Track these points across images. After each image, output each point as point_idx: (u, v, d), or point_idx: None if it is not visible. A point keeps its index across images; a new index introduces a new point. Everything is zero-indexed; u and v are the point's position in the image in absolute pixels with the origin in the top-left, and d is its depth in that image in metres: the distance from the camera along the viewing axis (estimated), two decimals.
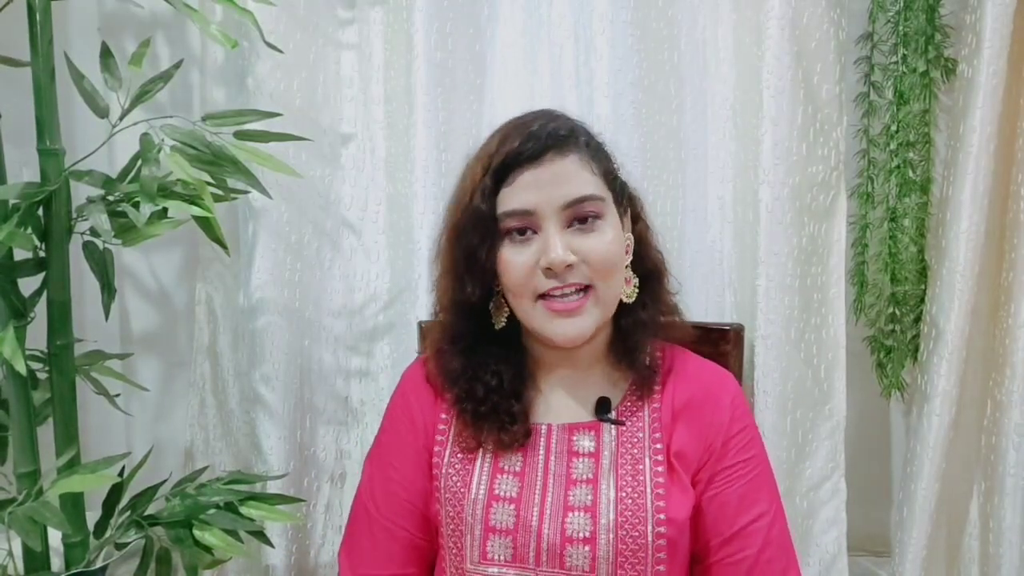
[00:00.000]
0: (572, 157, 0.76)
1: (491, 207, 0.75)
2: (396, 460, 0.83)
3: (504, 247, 0.76)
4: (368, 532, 0.82)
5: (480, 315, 0.80)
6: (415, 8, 1.15)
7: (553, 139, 0.75)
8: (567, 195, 0.74)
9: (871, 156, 1.19)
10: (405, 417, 0.84)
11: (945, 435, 1.12)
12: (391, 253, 1.25)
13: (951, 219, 1.11)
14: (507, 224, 0.75)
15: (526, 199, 0.74)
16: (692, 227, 1.20)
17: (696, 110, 1.18)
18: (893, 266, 1.19)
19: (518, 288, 0.75)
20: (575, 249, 0.74)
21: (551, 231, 0.74)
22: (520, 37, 1.20)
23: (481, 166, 0.76)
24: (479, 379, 0.78)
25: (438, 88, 1.16)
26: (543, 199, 0.74)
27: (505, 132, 0.77)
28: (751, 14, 1.13)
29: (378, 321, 1.27)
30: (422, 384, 0.85)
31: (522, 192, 0.74)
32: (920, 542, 1.13)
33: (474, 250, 0.76)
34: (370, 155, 1.25)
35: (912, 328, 1.20)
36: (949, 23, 1.14)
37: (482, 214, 0.75)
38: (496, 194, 0.75)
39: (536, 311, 0.76)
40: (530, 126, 0.76)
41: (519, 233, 0.75)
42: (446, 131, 1.18)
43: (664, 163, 1.18)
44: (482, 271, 0.76)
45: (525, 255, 0.75)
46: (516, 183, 0.74)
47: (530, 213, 0.74)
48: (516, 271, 0.75)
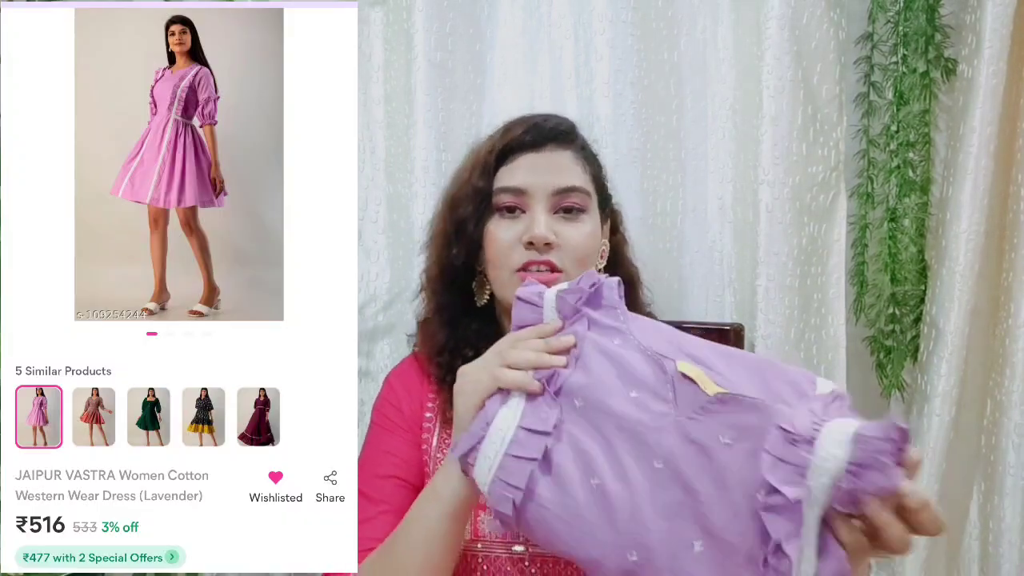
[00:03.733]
0: (569, 153, 0.83)
1: (488, 184, 0.82)
2: (388, 445, 0.84)
3: (492, 221, 0.82)
4: (366, 512, 0.83)
5: (463, 290, 0.86)
6: (415, 8, 1.15)
7: (554, 133, 0.83)
8: (560, 182, 0.81)
9: (871, 156, 1.19)
10: (394, 409, 0.86)
11: (945, 435, 1.12)
12: (391, 253, 1.25)
13: (951, 219, 1.11)
14: (499, 199, 0.81)
15: (522, 179, 0.81)
16: (692, 227, 1.19)
17: (696, 110, 1.18)
18: (893, 266, 1.19)
19: (499, 259, 0.81)
20: (556, 232, 0.79)
21: (538, 211, 0.80)
22: (520, 37, 1.20)
23: (485, 149, 0.84)
24: (459, 353, 0.81)
25: (438, 88, 1.16)
26: (537, 181, 0.80)
27: (510, 124, 0.85)
28: (751, 14, 1.13)
29: (378, 321, 1.27)
30: (408, 377, 0.88)
31: (519, 172, 0.81)
32: (920, 542, 1.13)
33: (465, 221, 0.82)
34: (369, 155, 1.25)
35: (912, 328, 1.20)
36: (949, 23, 1.14)
37: (478, 190, 0.82)
38: (494, 174, 0.82)
39: (511, 282, 0.80)
40: (535, 120, 0.85)
41: (508, 211, 0.81)
42: (446, 131, 1.18)
43: (664, 163, 1.18)
44: (469, 240, 0.82)
45: (511, 231, 0.80)
46: (515, 164, 0.82)
47: (522, 192, 0.81)
48: (500, 243, 0.81)
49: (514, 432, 0.60)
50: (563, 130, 0.84)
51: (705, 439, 0.55)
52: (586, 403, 0.60)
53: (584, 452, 0.59)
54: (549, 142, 0.82)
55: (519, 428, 0.60)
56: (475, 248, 0.83)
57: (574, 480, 0.59)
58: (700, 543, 0.55)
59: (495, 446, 0.60)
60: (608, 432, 0.59)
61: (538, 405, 0.62)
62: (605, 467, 0.58)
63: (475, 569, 0.77)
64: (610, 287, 0.65)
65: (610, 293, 0.65)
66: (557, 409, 0.61)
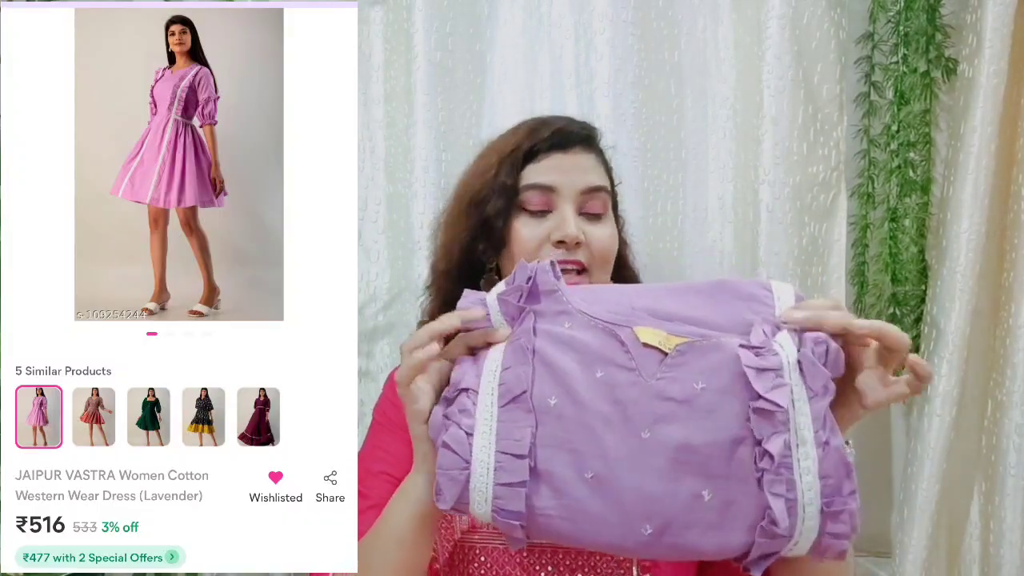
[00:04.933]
0: (593, 155, 0.85)
1: (515, 181, 0.82)
2: (384, 443, 0.84)
3: (518, 219, 0.81)
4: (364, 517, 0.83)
5: (471, 285, 0.84)
6: (415, 8, 1.15)
7: (580, 136, 0.85)
8: (588, 182, 0.82)
9: (871, 156, 1.19)
10: (395, 408, 0.85)
11: (946, 435, 1.12)
12: (391, 253, 1.25)
13: (952, 219, 1.11)
14: (527, 197, 0.81)
15: (551, 177, 0.81)
16: (692, 227, 1.19)
17: (696, 110, 1.18)
18: (893, 266, 1.19)
19: (526, 258, 0.80)
20: (584, 232, 0.80)
21: (567, 210, 0.80)
22: (520, 37, 1.20)
23: (508, 147, 0.84)
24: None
25: (438, 88, 1.16)
26: (566, 181, 0.81)
27: (535, 124, 0.85)
28: (751, 13, 1.13)
29: (378, 321, 1.27)
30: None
31: (548, 171, 0.82)
32: (921, 543, 1.13)
33: (493, 219, 0.82)
34: (369, 155, 1.25)
35: (912, 328, 1.20)
36: (950, 23, 1.14)
37: (506, 187, 0.81)
38: (521, 171, 0.82)
39: None
40: (561, 122, 0.85)
41: (536, 209, 0.81)
42: (446, 131, 1.18)
43: (664, 163, 1.18)
44: (497, 238, 0.82)
45: (539, 230, 0.80)
46: (543, 163, 0.82)
47: (552, 190, 0.81)
48: (528, 243, 0.81)
49: (494, 459, 0.59)
50: (587, 134, 0.86)
51: (679, 393, 0.57)
52: (559, 399, 0.60)
53: (571, 451, 0.59)
54: (576, 144, 0.83)
55: (498, 453, 0.59)
56: (500, 245, 0.83)
57: (569, 480, 0.58)
58: (708, 491, 0.56)
59: (483, 479, 0.59)
60: (588, 421, 0.59)
61: (512, 416, 0.60)
62: (595, 457, 0.58)
63: (472, 560, 0.77)
64: (544, 271, 0.64)
65: (545, 277, 0.64)
66: (530, 418, 0.59)
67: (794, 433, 0.55)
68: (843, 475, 0.55)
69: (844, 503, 0.54)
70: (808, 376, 0.55)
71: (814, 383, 0.55)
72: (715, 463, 0.56)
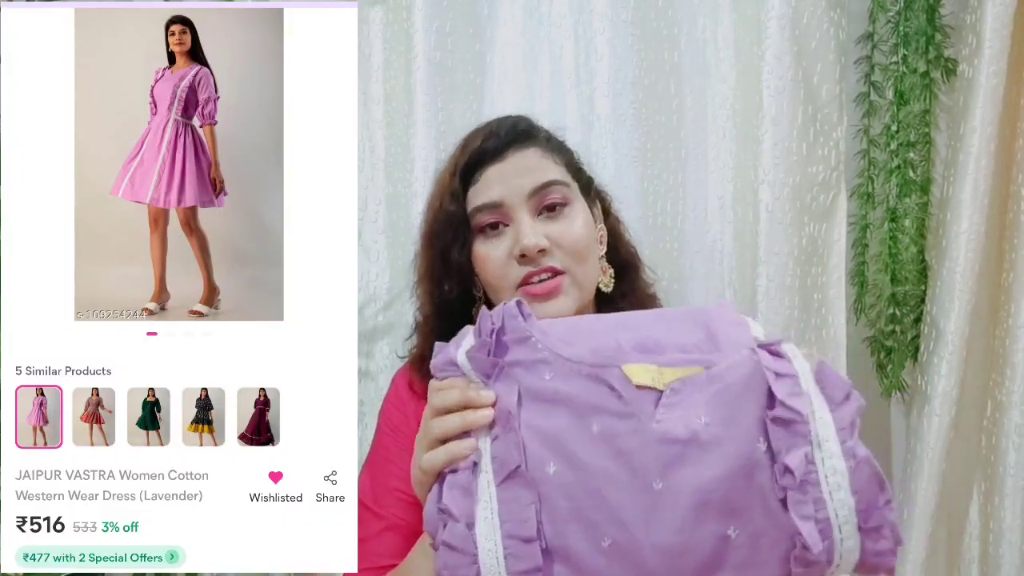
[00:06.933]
0: (533, 150, 0.79)
1: (461, 207, 0.78)
2: (394, 455, 0.83)
3: (477, 244, 0.79)
4: (368, 529, 0.82)
5: (463, 321, 0.80)
6: (415, 8, 1.15)
7: (513, 135, 0.79)
8: (533, 183, 0.77)
9: (871, 156, 1.19)
10: (400, 415, 0.84)
11: (945, 435, 1.12)
12: (391, 253, 1.25)
13: (951, 219, 1.11)
14: (479, 220, 0.78)
15: (493, 192, 0.77)
16: (692, 227, 1.19)
17: (696, 110, 1.18)
18: (893, 266, 1.19)
19: (496, 280, 0.78)
20: (547, 235, 0.76)
21: (522, 219, 0.76)
22: (520, 37, 1.20)
23: (448, 172, 0.81)
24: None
25: (438, 88, 1.16)
26: (510, 190, 0.77)
27: (467, 138, 0.82)
28: (751, 13, 1.13)
29: (377, 321, 1.27)
30: (416, 383, 0.85)
31: (489, 187, 0.78)
32: (920, 543, 1.13)
33: (448, 250, 0.79)
34: (369, 155, 1.25)
35: (912, 328, 1.20)
36: (949, 23, 1.14)
37: (452, 215, 0.78)
38: (465, 195, 0.79)
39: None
40: (490, 127, 0.81)
41: (491, 228, 0.78)
42: (445, 131, 1.18)
43: (664, 163, 1.18)
44: (458, 270, 0.79)
45: (499, 248, 0.77)
46: (482, 180, 0.78)
47: (499, 205, 0.77)
48: (491, 264, 0.77)
49: (502, 546, 0.53)
50: (521, 129, 0.80)
51: (683, 432, 0.52)
52: (558, 466, 0.54)
53: (582, 520, 0.53)
54: (510, 146, 0.78)
55: (505, 539, 0.53)
56: (467, 277, 0.80)
57: (585, 554, 0.53)
58: (733, 528, 0.52)
59: (494, 570, 0.53)
60: (593, 484, 0.53)
61: (512, 495, 0.54)
62: (609, 523, 0.53)
63: None
64: (511, 315, 0.57)
65: (512, 322, 0.57)
66: (532, 493, 0.54)
67: (817, 446, 0.51)
68: (877, 487, 0.51)
69: (882, 516, 0.51)
70: (827, 385, 0.53)
71: (834, 392, 0.53)
72: (735, 496, 0.52)
